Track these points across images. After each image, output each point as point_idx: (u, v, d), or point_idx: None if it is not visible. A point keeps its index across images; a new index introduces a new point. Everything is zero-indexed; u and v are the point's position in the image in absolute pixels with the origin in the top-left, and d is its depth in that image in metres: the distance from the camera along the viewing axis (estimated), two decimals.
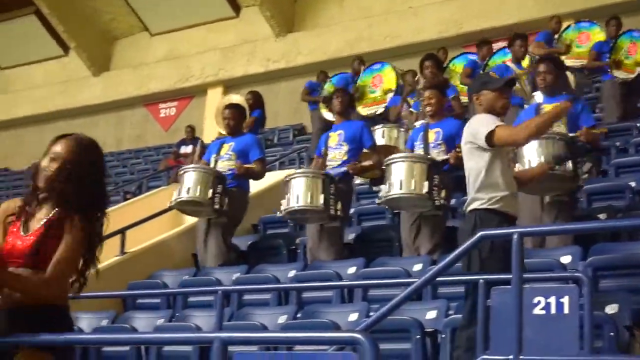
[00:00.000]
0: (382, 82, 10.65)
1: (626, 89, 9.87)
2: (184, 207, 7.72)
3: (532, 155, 6.12)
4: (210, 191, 7.31)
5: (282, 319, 6.04)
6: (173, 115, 18.35)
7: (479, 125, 4.90)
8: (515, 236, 4.00)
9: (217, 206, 7.31)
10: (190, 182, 7.41)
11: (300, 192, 6.91)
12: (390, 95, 10.43)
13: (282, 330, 5.41)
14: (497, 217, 4.83)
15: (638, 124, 9.52)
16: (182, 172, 7.66)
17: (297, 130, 15.14)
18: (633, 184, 7.25)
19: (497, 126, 4.82)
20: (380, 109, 10.42)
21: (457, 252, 4.27)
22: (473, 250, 4.53)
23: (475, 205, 4.90)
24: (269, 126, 13.62)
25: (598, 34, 10.70)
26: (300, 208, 6.95)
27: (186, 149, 13.12)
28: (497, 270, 4.65)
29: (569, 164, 6.07)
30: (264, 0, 16.54)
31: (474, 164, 4.92)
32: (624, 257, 5.66)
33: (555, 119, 5.05)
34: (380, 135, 8.59)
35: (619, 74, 9.77)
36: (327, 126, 8.72)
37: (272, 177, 9.17)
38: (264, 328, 5.76)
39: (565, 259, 5.83)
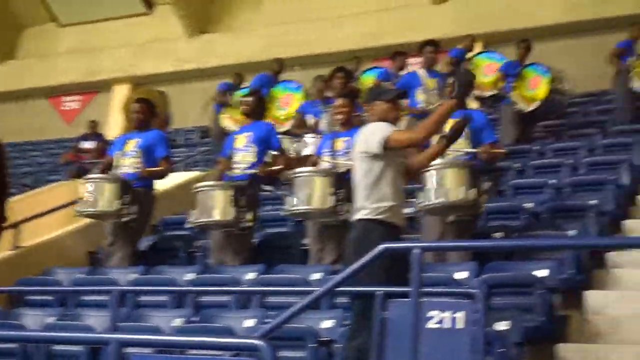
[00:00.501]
0: (289, 104, 10.60)
1: (523, 114, 10.21)
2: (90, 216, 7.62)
3: (436, 185, 6.25)
4: (117, 202, 7.18)
5: (177, 322, 5.97)
6: (77, 108, 17.97)
7: (372, 133, 4.96)
8: (416, 250, 4.05)
9: (125, 218, 7.22)
10: (96, 194, 7.24)
11: (211, 206, 6.87)
12: (291, 122, 10.34)
13: (178, 333, 5.35)
14: (381, 227, 4.88)
15: (535, 147, 9.83)
16: (87, 180, 7.47)
17: (203, 132, 15.01)
18: (529, 205, 7.45)
19: (391, 131, 4.90)
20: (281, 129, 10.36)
21: (359, 263, 4.29)
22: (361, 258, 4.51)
23: (361, 214, 4.94)
24: (178, 127, 13.48)
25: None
26: (212, 222, 6.92)
27: (87, 144, 12.84)
28: (383, 281, 4.70)
29: (472, 192, 6.18)
30: None
31: (364, 172, 4.96)
32: (517, 276, 5.82)
33: (445, 116, 5.10)
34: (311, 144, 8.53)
35: (517, 102, 10.09)
36: (225, 131, 8.64)
37: (176, 178, 9.06)
38: (159, 330, 5.69)
39: (461, 275, 5.95)
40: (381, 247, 4.26)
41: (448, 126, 5.29)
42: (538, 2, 14.25)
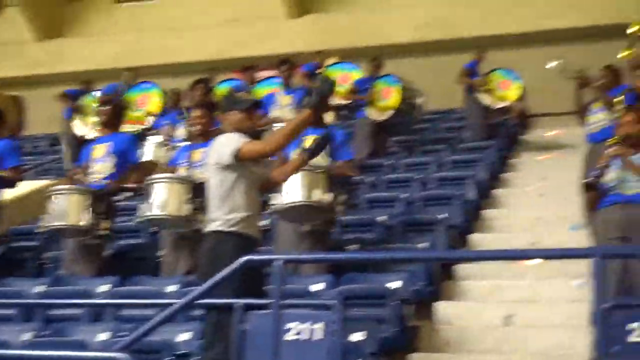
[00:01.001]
0: (146, 103, 10.47)
1: (377, 128, 10.50)
2: None
3: (293, 186, 6.26)
4: None
5: (26, 336, 5.75)
6: None
7: (224, 144, 4.94)
8: (277, 263, 4.09)
9: None
10: None
11: (66, 210, 6.67)
12: (152, 118, 10.23)
13: (29, 348, 5.17)
14: (235, 238, 4.87)
15: (388, 162, 10.12)
16: None
17: (54, 139, 14.54)
18: (383, 218, 7.65)
19: (243, 142, 4.91)
20: (140, 128, 10.22)
21: (219, 276, 4.28)
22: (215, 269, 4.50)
23: (214, 226, 4.93)
24: (27, 133, 13.02)
25: (357, 76, 11.26)
26: (66, 227, 6.70)
27: None
28: (240, 292, 4.71)
29: (328, 196, 6.27)
30: (27, 0, 15.81)
31: (217, 184, 4.95)
32: (371, 288, 5.96)
33: (298, 127, 5.15)
34: (150, 150, 8.40)
35: (372, 113, 10.35)
36: (77, 138, 8.41)
37: (25, 187, 8.73)
38: (7, 345, 5.47)
39: (317, 287, 6.04)
40: (243, 259, 4.27)
41: (309, 141, 5.36)
42: (390, 21, 14.69)
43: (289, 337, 4.57)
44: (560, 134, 11.49)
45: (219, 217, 4.89)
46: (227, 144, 4.93)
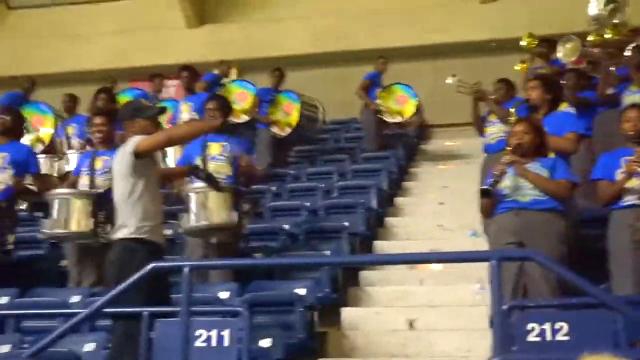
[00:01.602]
0: (40, 125, 10.20)
1: (278, 140, 10.65)
2: None
3: (199, 208, 6.26)
4: None
5: None
6: None
7: (126, 148, 4.97)
8: (185, 269, 4.09)
9: None
10: None
11: None
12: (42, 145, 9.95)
13: None
14: (144, 246, 4.87)
15: (292, 172, 10.21)
16: None
17: None
18: (287, 226, 7.72)
19: (140, 138, 4.93)
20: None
21: (125, 284, 4.25)
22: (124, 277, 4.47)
23: (123, 233, 4.92)
24: None
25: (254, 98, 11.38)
26: None
27: None
28: (145, 301, 4.70)
29: (234, 215, 6.28)
30: None
31: (125, 191, 4.95)
32: (278, 295, 6.01)
33: (198, 132, 5.21)
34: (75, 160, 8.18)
35: (274, 129, 10.56)
36: None
37: None
38: None
39: (224, 295, 6.05)
40: (150, 266, 4.25)
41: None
42: (286, 32, 14.79)
43: (198, 343, 4.59)
44: (459, 144, 11.83)
45: (129, 225, 4.86)
46: (127, 147, 4.94)
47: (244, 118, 10.66)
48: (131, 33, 15.26)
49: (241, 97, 10.97)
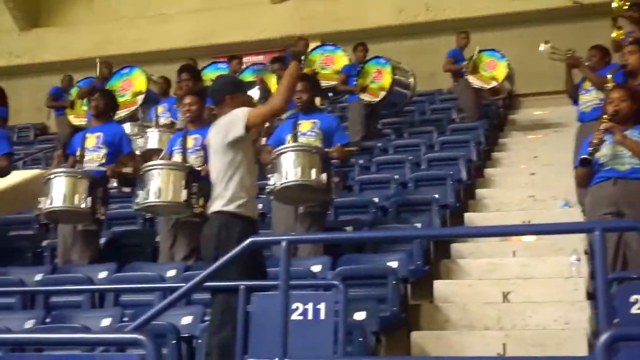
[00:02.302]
0: (131, 85, 10.47)
1: (370, 111, 10.50)
2: None
3: (289, 167, 6.27)
4: None
5: (29, 324, 5.76)
6: None
7: (231, 120, 4.96)
8: (283, 244, 4.12)
9: None
10: None
11: (65, 193, 6.61)
12: (141, 97, 10.24)
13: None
14: (241, 221, 4.90)
15: (379, 144, 10.15)
16: None
17: (38, 129, 14.49)
18: (376, 199, 7.70)
19: (248, 110, 4.95)
20: (129, 112, 10.22)
21: (225, 258, 4.30)
22: (221, 252, 4.53)
23: (219, 205, 4.97)
24: (11, 123, 12.91)
25: (341, 58, 11.25)
26: (62, 209, 6.67)
27: None
28: (244, 275, 4.75)
29: (323, 176, 6.27)
30: None
31: (221, 164, 4.98)
32: (371, 268, 6.01)
33: (294, 77, 5.19)
34: (155, 138, 8.37)
35: (365, 97, 10.36)
36: (76, 131, 8.40)
37: (15, 177, 8.71)
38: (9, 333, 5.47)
39: (316, 268, 6.08)
40: (249, 240, 4.29)
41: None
42: (370, 6, 14.69)
43: (294, 317, 4.62)
44: (548, 113, 11.60)
45: (225, 197, 4.91)
46: (235, 118, 4.95)
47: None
48: (216, 11, 15.38)
49: (326, 62, 10.97)
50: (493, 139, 10.49)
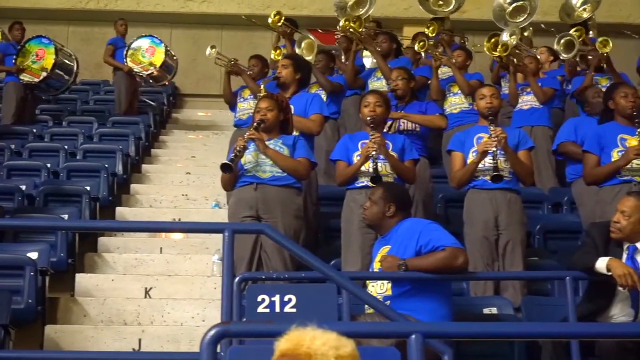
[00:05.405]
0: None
1: (27, 94, 10.08)
2: None
3: None
4: None
5: None
6: None
7: None
8: None
9: None
10: None
11: None
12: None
13: None
14: None
15: (34, 130, 9.74)
16: None
17: None
18: (23, 187, 7.38)
19: None
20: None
21: None
22: None
23: None
24: None
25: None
26: None
27: None
28: None
29: None
30: None
31: None
32: (8, 258, 5.72)
33: None
34: None
35: (25, 77, 9.94)
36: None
37: None
38: None
39: None
40: None
41: None
42: None
43: None
44: (211, 115, 11.88)
45: None
46: None
47: None
48: None
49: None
50: (154, 135, 10.52)
